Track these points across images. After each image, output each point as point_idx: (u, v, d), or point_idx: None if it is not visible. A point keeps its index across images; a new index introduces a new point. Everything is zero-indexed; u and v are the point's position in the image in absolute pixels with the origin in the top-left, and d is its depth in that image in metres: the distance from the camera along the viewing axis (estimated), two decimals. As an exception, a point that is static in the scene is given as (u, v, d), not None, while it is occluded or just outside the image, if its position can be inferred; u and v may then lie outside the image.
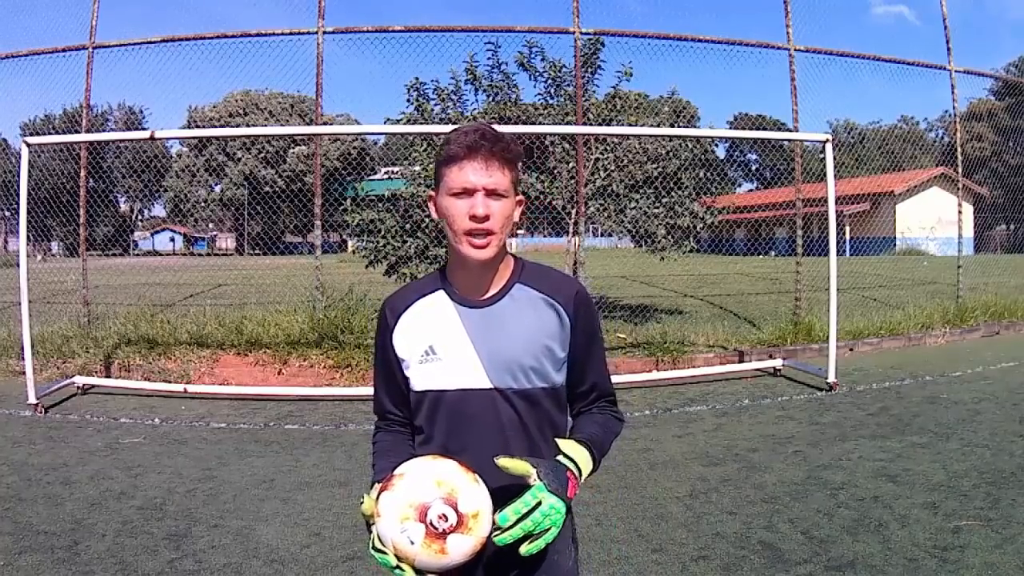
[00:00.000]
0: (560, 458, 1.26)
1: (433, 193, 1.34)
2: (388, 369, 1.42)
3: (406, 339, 1.37)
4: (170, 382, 6.52)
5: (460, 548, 1.15)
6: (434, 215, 1.35)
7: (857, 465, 4.09)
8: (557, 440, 1.31)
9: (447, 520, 1.14)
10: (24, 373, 5.93)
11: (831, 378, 6.08)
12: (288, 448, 4.72)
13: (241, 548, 3.14)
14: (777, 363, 6.93)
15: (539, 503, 1.16)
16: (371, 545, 1.21)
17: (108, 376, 6.71)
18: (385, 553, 1.17)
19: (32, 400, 5.63)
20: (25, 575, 2.87)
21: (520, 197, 1.36)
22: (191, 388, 6.24)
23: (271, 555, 3.07)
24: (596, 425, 1.40)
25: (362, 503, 1.23)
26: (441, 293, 1.37)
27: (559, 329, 1.35)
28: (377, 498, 1.20)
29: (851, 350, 7.89)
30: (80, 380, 6.36)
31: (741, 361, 7.22)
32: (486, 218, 1.25)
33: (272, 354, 7.02)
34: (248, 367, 6.94)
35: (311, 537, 3.25)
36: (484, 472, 1.27)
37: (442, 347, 1.33)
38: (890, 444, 4.48)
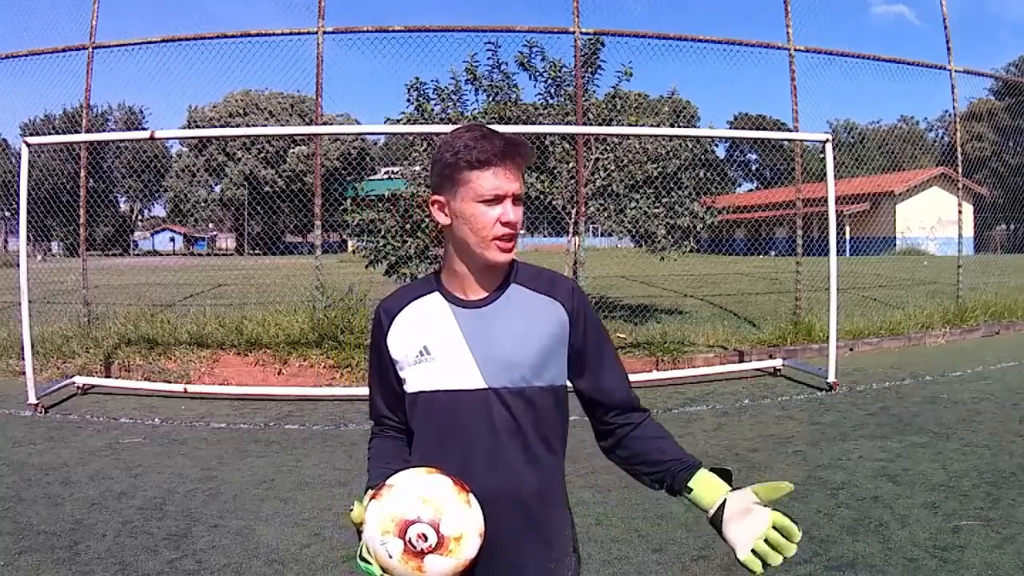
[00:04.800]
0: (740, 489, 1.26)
1: (441, 197, 1.31)
2: (383, 372, 1.40)
3: (400, 341, 1.36)
4: (170, 382, 6.52)
5: (438, 569, 1.13)
6: (440, 219, 1.31)
7: (857, 465, 4.09)
8: (731, 478, 1.29)
9: (426, 540, 1.12)
10: (24, 373, 5.93)
11: (831, 378, 6.08)
12: (288, 448, 4.73)
13: (241, 548, 3.14)
14: (777, 363, 6.93)
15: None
16: (359, 554, 1.20)
17: (108, 376, 6.70)
18: (371, 563, 1.16)
19: (32, 400, 5.63)
20: (25, 575, 2.87)
21: None
22: (191, 388, 6.24)
23: (271, 555, 3.07)
24: (674, 442, 1.40)
25: (351, 511, 1.22)
26: (436, 295, 1.36)
27: (557, 327, 1.33)
28: (366, 506, 1.20)
29: (851, 350, 7.89)
30: (80, 380, 6.36)
31: (741, 361, 7.22)
32: (516, 224, 1.27)
33: (272, 354, 7.02)
34: (248, 367, 6.94)
35: (311, 537, 3.26)
36: (475, 474, 1.26)
37: (436, 348, 1.32)
38: (890, 444, 4.48)
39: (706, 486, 1.27)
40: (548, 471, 1.34)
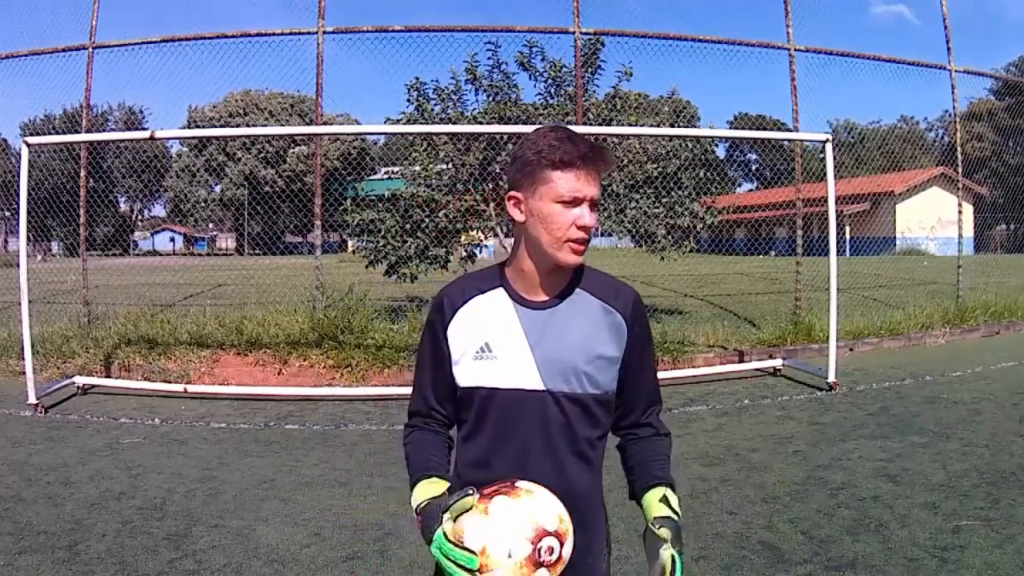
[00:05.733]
0: (674, 516, 1.32)
1: (519, 194, 1.31)
2: (439, 362, 1.39)
3: (462, 334, 1.36)
4: (170, 382, 6.52)
5: None
6: (516, 216, 1.32)
7: (857, 465, 4.09)
8: (668, 498, 1.35)
9: (552, 554, 1.14)
10: (24, 373, 5.93)
11: (831, 378, 6.07)
12: (288, 448, 4.73)
13: (241, 548, 3.14)
14: (777, 363, 6.93)
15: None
16: (440, 535, 1.16)
17: (108, 376, 6.70)
18: (474, 554, 1.12)
19: (32, 400, 5.63)
20: (25, 575, 2.87)
21: None
22: (191, 388, 6.24)
23: (271, 555, 3.07)
24: (665, 461, 1.43)
25: (469, 493, 1.16)
26: (501, 291, 1.37)
27: (616, 336, 1.36)
28: (488, 496, 1.17)
29: (851, 350, 7.89)
30: (80, 380, 6.36)
31: (741, 361, 7.22)
32: (590, 228, 1.29)
33: (272, 354, 7.02)
34: (248, 367, 6.93)
35: (311, 537, 3.25)
36: (530, 472, 1.28)
37: (498, 345, 1.33)
38: (890, 444, 4.48)
39: (647, 506, 1.37)
40: (594, 471, 1.39)
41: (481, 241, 9.01)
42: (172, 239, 52.39)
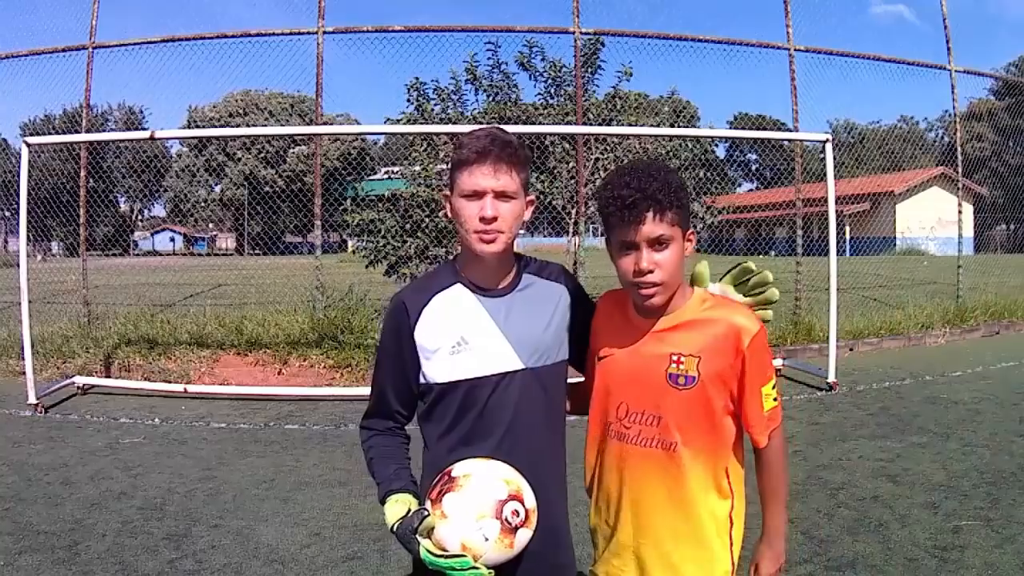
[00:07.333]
0: None
1: (448, 193, 1.42)
2: (402, 367, 1.44)
3: (432, 332, 1.41)
4: (170, 382, 6.52)
5: (523, 541, 1.23)
6: (449, 214, 1.43)
7: (857, 465, 4.09)
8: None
9: (518, 516, 1.22)
10: (24, 373, 5.93)
11: (831, 378, 6.07)
12: (288, 448, 4.73)
13: (241, 548, 3.14)
14: (777, 363, 6.92)
15: None
16: (426, 554, 1.23)
17: (108, 376, 6.70)
18: (455, 556, 1.20)
19: (32, 400, 5.63)
20: (25, 575, 2.87)
21: (531, 197, 1.46)
22: (191, 388, 6.24)
23: (271, 555, 3.07)
24: None
25: (425, 515, 1.23)
26: (459, 286, 1.44)
27: (565, 307, 1.51)
28: (438, 500, 1.23)
29: (851, 350, 7.89)
30: (80, 380, 6.36)
31: (741, 361, 7.21)
32: (494, 219, 1.34)
33: (272, 354, 7.02)
34: (248, 367, 6.94)
35: (311, 537, 3.26)
36: (519, 446, 1.37)
37: (473, 336, 1.40)
38: (890, 444, 4.48)
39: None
40: (563, 432, 1.50)
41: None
42: (172, 239, 52.33)
